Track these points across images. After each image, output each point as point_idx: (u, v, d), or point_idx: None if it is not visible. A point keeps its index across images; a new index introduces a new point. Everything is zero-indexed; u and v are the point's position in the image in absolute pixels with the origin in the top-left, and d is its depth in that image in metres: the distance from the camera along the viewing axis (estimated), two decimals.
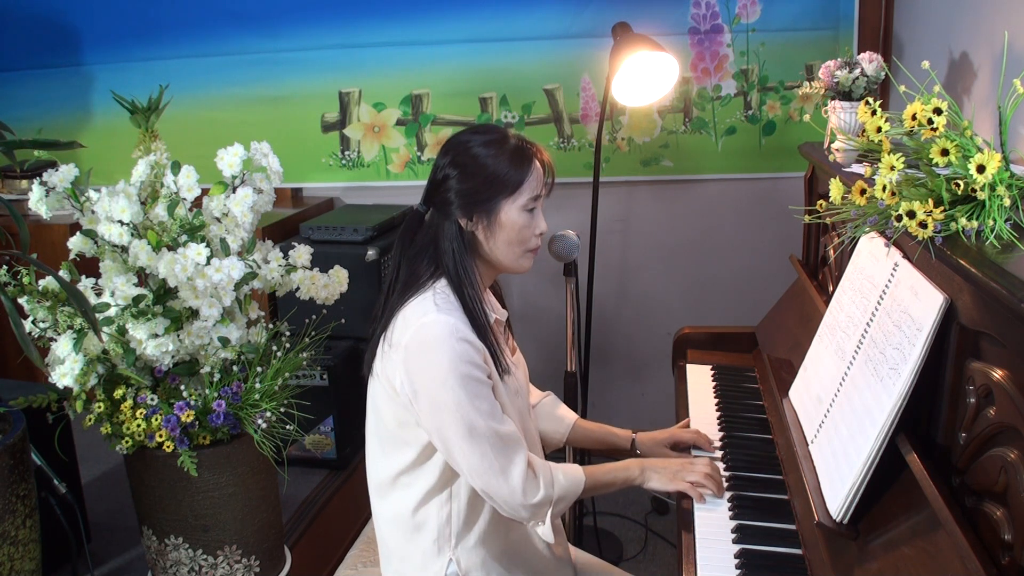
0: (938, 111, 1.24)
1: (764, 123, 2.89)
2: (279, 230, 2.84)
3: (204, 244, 1.72)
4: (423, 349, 1.37)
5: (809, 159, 2.15)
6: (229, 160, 1.81)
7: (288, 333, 1.92)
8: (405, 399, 1.40)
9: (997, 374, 1.07)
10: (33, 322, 1.76)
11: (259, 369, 1.82)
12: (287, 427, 1.82)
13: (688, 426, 1.81)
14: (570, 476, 1.45)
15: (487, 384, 1.39)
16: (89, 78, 3.15)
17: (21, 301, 1.74)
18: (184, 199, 1.80)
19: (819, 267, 2.09)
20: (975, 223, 1.19)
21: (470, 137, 1.47)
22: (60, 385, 1.72)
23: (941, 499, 1.09)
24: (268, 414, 1.78)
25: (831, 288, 1.88)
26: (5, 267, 1.73)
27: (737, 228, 2.99)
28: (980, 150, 1.22)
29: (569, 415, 1.77)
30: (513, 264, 1.48)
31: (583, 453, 2.70)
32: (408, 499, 1.48)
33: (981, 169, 1.17)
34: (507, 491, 1.38)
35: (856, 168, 1.77)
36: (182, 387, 1.79)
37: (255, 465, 1.86)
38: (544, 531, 1.43)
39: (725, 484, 1.59)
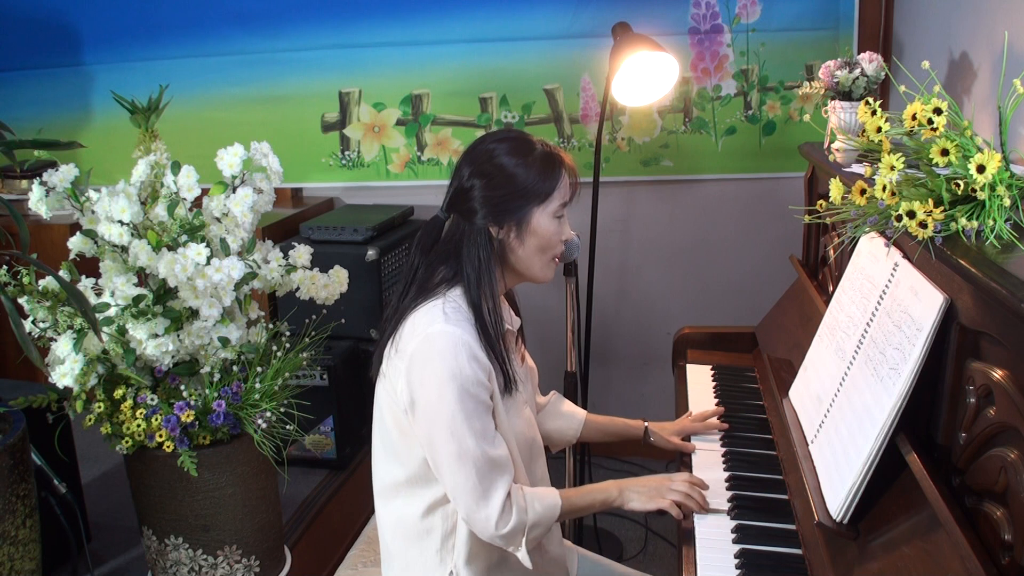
0: (938, 111, 1.24)
1: (764, 123, 2.89)
2: (279, 230, 2.84)
3: (204, 244, 1.72)
4: (426, 361, 1.36)
5: (809, 159, 2.15)
6: (229, 160, 1.81)
7: (288, 333, 1.92)
8: (403, 406, 1.40)
9: (997, 374, 1.07)
10: (33, 322, 1.76)
11: (259, 369, 1.82)
12: (287, 427, 1.82)
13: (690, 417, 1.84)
14: (545, 502, 1.43)
15: (486, 404, 1.38)
16: (89, 78, 3.15)
17: (21, 301, 1.74)
18: (184, 199, 1.80)
19: (819, 267, 2.09)
20: (975, 223, 1.19)
21: (495, 145, 1.45)
22: (60, 385, 1.72)
23: (941, 499, 1.09)
24: (268, 414, 1.78)
25: (831, 288, 1.88)
26: (5, 267, 1.73)
27: (737, 228, 2.99)
28: (980, 150, 1.22)
29: (579, 412, 1.78)
30: (539, 273, 1.48)
31: (584, 448, 2.70)
32: (412, 507, 1.47)
33: (981, 169, 1.17)
34: (483, 517, 1.37)
35: (856, 168, 1.77)
36: (182, 387, 1.79)
37: (255, 465, 1.85)
38: (522, 556, 1.41)
39: (725, 484, 1.59)
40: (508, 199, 1.42)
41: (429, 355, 1.36)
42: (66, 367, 1.70)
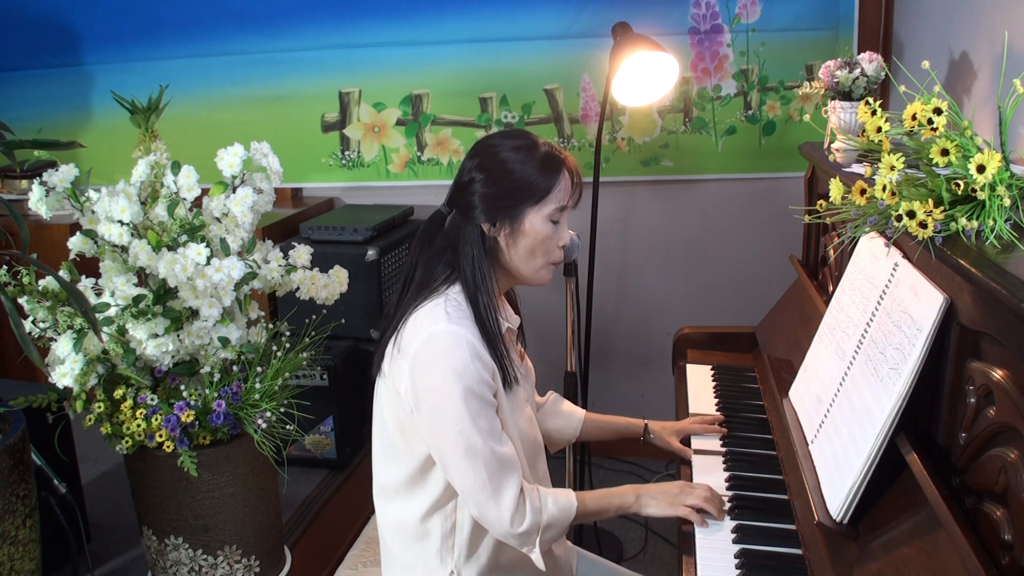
0: (938, 111, 1.24)
1: (764, 123, 2.89)
2: (279, 230, 2.84)
3: (204, 244, 1.72)
4: (430, 360, 1.35)
5: (809, 159, 2.15)
6: (229, 160, 1.81)
7: (288, 333, 1.92)
8: (408, 407, 1.39)
9: (997, 374, 1.07)
10: (33, 322, 1.76)
11: (259, 369, 1.82)
12: (287, 427, 1.82)
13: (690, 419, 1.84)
14: (560, 503, 1.42)
15: (490, 403, 1.38)
16: (89, 78, 3.15)
17: (21, 301, 1.73)
18: (184, 199, 1.80)
19: (819, 267, 2.09)
20: (975, 223, 1.19)
21: (500, 141, 1.45)
22: (60, 385, 1.72)
23: (941, 499, 1.09)
24: (268, 414, 1.78)
25: (831, 288, 1.88)
26: (5, 267, 1.73)
27: (737, 228, 2.99)
28: (980, 150, 1.22)
29: (577, 411, 1.78)
30: (532, 275, 1.47)
31: (584, 447, 2.70)
32: (412, 508, 1.46)
33: (981, 169, 1.17)
34: (496, 515, 1.36)
35: (856, 168, 1.77)
36: (182, 387, 1.79)
37: (255, 465, 1.85)
38: (536, 557, 1.40)
39: (725, 485, 1.59)
40: (503, 195, 1.41)
41: (433, 355, 1.35)
42: (66, 367, 1.70)
